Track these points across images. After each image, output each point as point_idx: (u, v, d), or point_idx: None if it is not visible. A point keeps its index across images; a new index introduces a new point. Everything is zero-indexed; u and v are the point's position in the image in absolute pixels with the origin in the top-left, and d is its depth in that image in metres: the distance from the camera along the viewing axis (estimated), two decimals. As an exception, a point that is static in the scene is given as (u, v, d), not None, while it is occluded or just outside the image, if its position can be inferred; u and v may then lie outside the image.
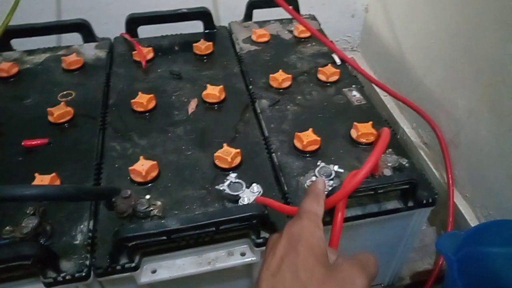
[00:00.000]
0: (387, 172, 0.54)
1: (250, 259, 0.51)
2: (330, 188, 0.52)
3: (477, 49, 0.67)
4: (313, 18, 0.91)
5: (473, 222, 0.71)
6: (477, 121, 0.69)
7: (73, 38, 0.84)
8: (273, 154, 0.60)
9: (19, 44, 0.81)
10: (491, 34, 0.64)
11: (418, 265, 0.73)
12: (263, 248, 0.50)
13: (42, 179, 0.53)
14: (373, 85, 0.82)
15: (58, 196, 0.38)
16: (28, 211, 0.49)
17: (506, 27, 0.60)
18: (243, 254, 0.51)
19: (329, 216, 0.48)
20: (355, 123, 0.61)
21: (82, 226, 0.50)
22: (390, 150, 0.58)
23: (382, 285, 0.70)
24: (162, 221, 0.46)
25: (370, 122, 0.61)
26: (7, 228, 0.46)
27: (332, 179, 0.54)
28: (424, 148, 0.86)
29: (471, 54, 0.69)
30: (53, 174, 0.54)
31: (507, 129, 0.62)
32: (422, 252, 0.75)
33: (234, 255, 0.51)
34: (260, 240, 0.50)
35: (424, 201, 0.53)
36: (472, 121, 0.70)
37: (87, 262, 0.46)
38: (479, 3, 0.66)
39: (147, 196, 0.52)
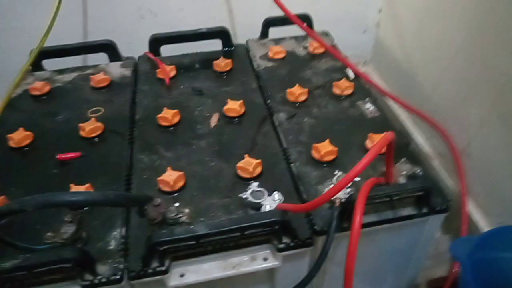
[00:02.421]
0: (402, 180, 0.57)
1: (272, 263, 0.54)
2: (347, 196, 0.54)
3: (486, 61, 0.70)
4: (327, 34, 0.94)
5: (486, 229, 0.73)
6: (488, 131, 0.71)
7: (99, 58, 0.88)
8: (292, 164, 0.63)
9: (48, 64, 0.87)
10: (499, 46, 0.67)
11: (434, 272, 0.75)
12: (285, 253, 0.53)
13: (77, 190, 0.57)
14: (387, 97, 0.85)
15: (102, 202, 0.41)
16: (66, 219, 0.52)
17: (513, 40, 0.63)
18: (265, 259, 0.54)
19: (347, 222, 0.51)
20: (370, 133, 0.64)
21: (115, 233, 0.54)
22: (404, 159, 0.61)
23: (399, 291, 0.72)
24: (191, 227, 0.49)
25: (393, 134, 0.64)
26: (49, 234, 0.50)
27: (349, 187, 0.57)
28: (437, 158, 0.88)
29: (481, 66, 0.72)
30: (87, 184, 0.58)
31: (511, 139, 0.64)
32: (437, 260, 0.77)
33: (257, 260, 0.54)
34: (282, 245, 0.52)
35: (438, 208, 0.56)
36: (483, 131, 0.73)
37: (121, 266, 0.50)
38: (486, 17, 0.69)
39: (176, 204, 0.56)
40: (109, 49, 0.86)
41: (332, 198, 0.55)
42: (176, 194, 0.58)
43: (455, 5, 0.77)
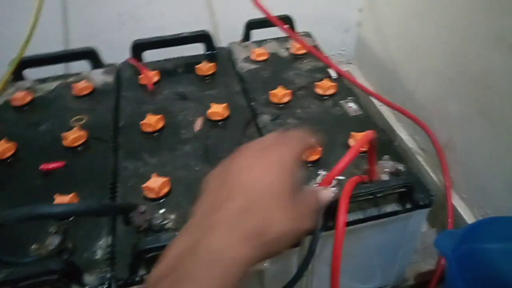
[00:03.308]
0: (385, 177, 0.57)
1: (259, 265, 0.54)
2: (333, 195, 0.55)
3: (465, 58, 0.71)
4: (309, 35, 0.95)
5: (471, 222, 0.74)
6: (469, 125, 0.72)
7: (80, 65, 0.88)
8: (277, 166, 0.63)
9: (29, 73, 0.86)
10: (478, 44, 0.68)
11: (421, 266, 0.76)
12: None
13: (62, 200, 0.57)
14: (370, 96, 0.86)
15: (84, 212, 0.41)
16: (51, 230, 0.52)
17: (491, 36, 0.64)
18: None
19: (332, 220, 0.52)
20: (352, 133, 0.65)
21: (101, 242, 0.53)
22: (387, 156, 0.62)
23: (387, 286, 0.73)
24: (177, 233, 0.49)
25: (374, 132, 0.65)
26: (33, 246, 0.50)
27: (333, 186, 0.58)
28: (421, 153, 0.90)
29: (461, 63, 0.73)
30: (72, 194, 0.57)
31: (497, 132, 0.66)
32: (424, 254, 0.78)
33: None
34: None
35: (421, 203, 0.56)
36: (464, 126, 0.74)
37: (108, 275, 0.50)
38: (466, 15, 0.70)
39: (161, 211, 0.56)
40: (91, 56, 0.86)
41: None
42: (162, 200, 0.58)
43: (435, 3, 0.78)
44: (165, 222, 0.53)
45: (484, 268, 0.58)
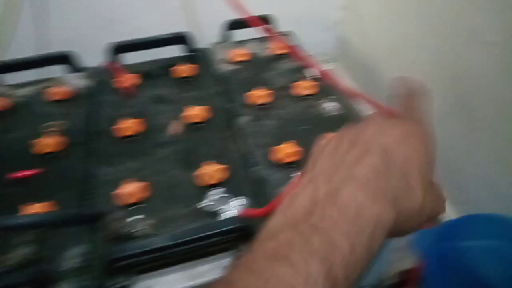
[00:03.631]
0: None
1: (238, 270, 0.53)
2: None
3: (444, 55, 0.71)
4: (289, 34, 0.94)
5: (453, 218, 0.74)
6: (449, 123, 0.72)
7: (58, 69, 0.86)
8: (256, 168, 0.62)
9: (5, 78, 0.84)
10: (455, 41, 0.68)
11: (402, 264, 0.75)
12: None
13: (32, 209, 0.55)
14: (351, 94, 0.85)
15: (45, 223, 0.40)
16: (21, 240, 0.51)
17: (467, 33, 0.64)
18: (228, 268, 0.53)
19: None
20: (330, 133, 0.64)
21: (76, 250, 0.52)
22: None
23: (366, 286, 0.72)
24: (150, 240, 0.48)
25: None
26: (3, 257, 0.48)
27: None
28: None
29: (439, 60, 0.72)
30: (43, 203, 0.56)
31: (475, 128, 0.65)
32: (406, 251, 0.77)
33: (219, 269, 0.53)
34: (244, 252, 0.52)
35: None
36: (444, 123, 0.73)
37: (82, 285, 0.48)
38: (442, 12, 0.69)
39: (136, 217, 0.54)
40: (67, 60, 0.84)
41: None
42: (137, 206, 0.57)
43: (413, 1, 0.78)
44: (139, 228, 0.52)
45: (461, 266, 0.58)
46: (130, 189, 0.56)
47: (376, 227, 0.28)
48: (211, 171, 0.59)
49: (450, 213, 0.75)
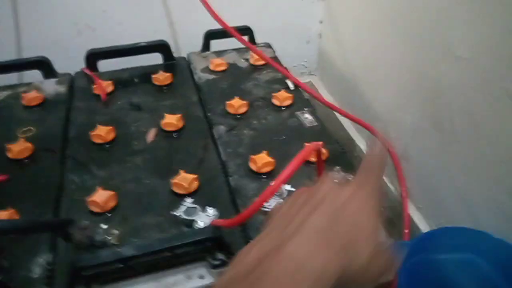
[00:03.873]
0: (335, 189, 0.57)
1: (208, 281, 0.52)
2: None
3: (418, 70, 0.73)
4: (268, 46, 0.95)
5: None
6: (422, 136, 0.73)
7: (35, 75, 0.85)
8: (230, 178, 0.62)
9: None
10: (428, 55, 0.69)
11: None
12: (221, 269, 0.52)
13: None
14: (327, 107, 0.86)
15: (9, 230, 0.39)
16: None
17: (439, 48, 0.65)
18: (201, 277, 0.53)
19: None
20: (306, 144, 0.65)
21: (40, 260, 0.50)
22: (338, 167, 0.61)
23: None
24: (117, 249, 0.47)
25: (320, 143, 0.64)
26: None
27: (283, 198, 0.57)
28: (380, 164, 0.90)
29: (414, 74, 0.74)
30: (12, 210, 0.55)
31: (447, 142, 0.66)
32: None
33: (193, 279, 0.52)
34: (217, 262, 0.51)
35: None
36: (418, 136, 0.75)
37: (45, 295, 0.47)
38: (416, 27, 0.71)
39: (105, 226, 0.53)
40: (43, 65, 0.83)
41: (267, 210, 0.55)
42: (108, 215, 0.56)
43: (389, 15, 0.79)
44: (108, 238, 0.51)
45: (434, 279, 0.58)
46: (100, 197, 0.55)
47: (318, 280, 0.28)
48: (185, 180, 0.59)
49: (424, 226, 0.76)
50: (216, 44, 0.93)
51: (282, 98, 0.76)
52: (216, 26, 0.87)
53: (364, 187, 0.35)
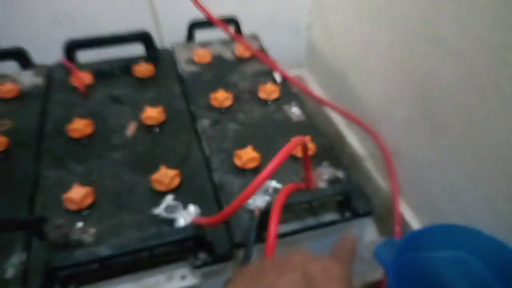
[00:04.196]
0: (322, 184, 0.55)
1: (190, 282, 0.50)
2: (266, 204, 0.52)
3: (408, 62, 0.70)
4: (255, 37, 0.92)
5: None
6: (414, 131, 0.71)
7: (11, 66, 0.81)
8: (213, 173, 0.60)
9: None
10: (419, 47, 0.67)
11: (369, 276, 0.74)
12: (203, 269, 0.49)
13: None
14: (315, 101, 0.84)
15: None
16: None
17: (431, 40, 0.63)
18: (183, 278, 0.50)
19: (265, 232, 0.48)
20: (293, 137, 0.62)
21: (14, 259, 0.48)
22: (326, 163, 0.59)
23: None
24: (94, 249, 0.44)
25: (307, 137, 0.62)
26: None
27: (268, 194, 0.55)
28: (370, 159, 0.88)
29: (404, 67, 0.72)
30: (-19, 207, 0.52)
31: (438, 136, 0.65)
32: (372, 263, 0.76)
33: (174, 279, 0.50)
34: (199, 262, 0.49)
35: (361, 211, 0.54)
36: (409, 131, 0.73)
37: (17, 297, 0.45)
38: (406, 19, 0.69)
39: (81, 224, 0.51)
40: (20, 56, 0.79)
41: (252, 208, 0.53)
42: (84, 212, 0.53)
43: (378, 6, 0.77)
44: (84, 236, 0.49)
45: (424, 278, 0.57)
46: (77, 194, 0.53)
47: None
48: (166, 176, 0.56)
49: (418, 224, 0.74)
50: (202, 35, 0.91)
51: (268, 91, 0.74)
52: (200, 16, 0.84)
53: (338, 263, 0.34)
